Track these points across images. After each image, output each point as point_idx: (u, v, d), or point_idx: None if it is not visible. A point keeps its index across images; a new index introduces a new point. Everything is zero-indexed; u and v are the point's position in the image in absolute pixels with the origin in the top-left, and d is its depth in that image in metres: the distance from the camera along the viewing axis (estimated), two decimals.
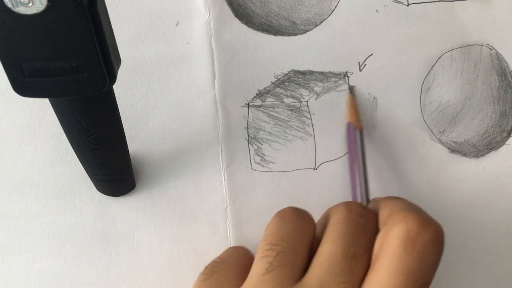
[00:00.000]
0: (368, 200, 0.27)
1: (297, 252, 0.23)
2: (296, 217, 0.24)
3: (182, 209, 0.30)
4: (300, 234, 0.24)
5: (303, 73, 0.30)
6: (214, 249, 0.30)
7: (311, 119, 0.31)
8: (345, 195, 0.31)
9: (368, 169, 0.31)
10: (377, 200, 0.26)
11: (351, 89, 0.30)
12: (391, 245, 0.21)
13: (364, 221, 0.23)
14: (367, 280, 0.22)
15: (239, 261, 0.26)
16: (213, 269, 0.25)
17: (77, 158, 0.26)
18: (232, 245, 0.30)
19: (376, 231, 0.23)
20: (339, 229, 0.23)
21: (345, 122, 0.30)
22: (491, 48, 0.32)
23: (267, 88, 0.30)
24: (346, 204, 0.25)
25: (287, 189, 0.31)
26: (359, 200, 0.27)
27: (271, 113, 0.30)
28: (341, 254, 0.22)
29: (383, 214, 0.24)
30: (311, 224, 0.24)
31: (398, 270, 0.21)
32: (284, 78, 0.30)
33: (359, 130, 0.29)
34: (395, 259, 0.21)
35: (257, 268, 0.23)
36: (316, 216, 0.29)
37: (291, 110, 0.30)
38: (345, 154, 0.31)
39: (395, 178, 0.32)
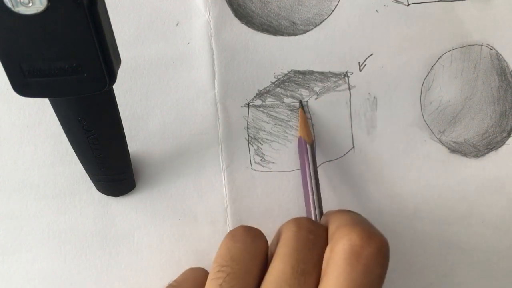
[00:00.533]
0: (321, 214, 0.27)
1: (247, 272, 0.23)
2: (247, 236, 0.24)
3: (182, 209, 0.30)
4: (251, 254, 0.24)
5: (303, 73, 0.30)
6: (214, 249, 0.30)
7: (311, 119, 0.31)
8: (345, 195, 0.31)
9: (367, 170, 0.31)
10: (328, 214, 0.26)
11: (301, 104, 0.30)
12: (337, 260, 0.22)
13: (314, 236, 0.24)
14: None
15: (195, 282, 0.26)
16: None
17: (77, 158, 0.26)
18: None
19: (325, 247, 0.24)
20: (288, 245, 0.23)
21: (297, 136, 0.30)
22: (491, 48, 0.32)
23: (267, 88, 0.30)
24: (296, 220, 0.25)
25: (287, 189, 0.31)
26: (312, 215, 0.27)
27: (271, 113, 0.30)
28: (290, 271, 0.22)
29: (331, 229, 0.24)
30: (263, 242, 0.25)
31: (344, 284, 0.21)
32: (284, 78, 0.30)
33: (310, 144, 0.29)
34: (341, 273, 0.21)
35: None
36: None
37: (291, 110, 0.30)
38: (345, 154, 0.31)
39: (395, 178, 0.32)
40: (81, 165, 0.27)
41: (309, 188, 0.28)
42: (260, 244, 0.24)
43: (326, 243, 0.24)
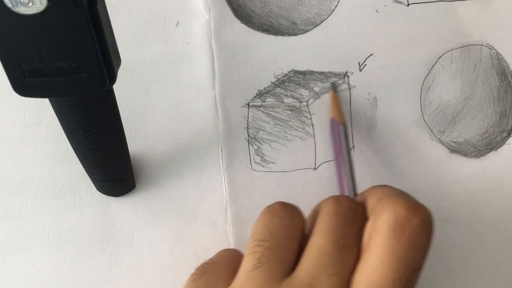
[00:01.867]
0: (355, 194, 0.27)
1: (286, 247, 0.23)
2: (285, 212, 0.24)
3: (182, 209, 0.30)
4: (289, 229, 0.23)
5: (303, 73, 0.30)
6: (214, 249, 0.30)
7: (311, 119, 0.31)
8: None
9: (368, 170, 0.31)
10: (364, 191, 0.26)
11: (334, 86, 0.30)
12: (380, 232, 0.21)
13: (353, 213, 0.23)
14: (359, 269, 0.22)
15: (230, 261, 0.26)
16: (204, 270, 0.25)
17: (77, 158, 0.26)
18: (232, 245, 0.30)
19: (365, 223, 0.23)
20: (328, 222, 0.23)
21: (329, 118, 0.30)
22: (491, 48, 0.32)
23: (267, 88, 0.30)
24: (335, 198, 0.24)
25: (287, 189, 0.31)
26: (346, 193, 0.27)
27: (271, 113, 0.30)
28: (331, 246, 0.22)
29: (370, 203, 0.24)
30: (300, 218, 0.24)
31: (389, 256, 0.21)
32: (284, 78, 0.30)
33: (343, 124, 0.29)
34: (385, 245, 0.21)
35: (246, 265, 0.23)
36: None
37: (291, 110, 0.30)
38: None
39: (395, 178, 0.32)
40: (81, 165, 0.27)
41: (343, 168, 0.28)
42: (297, 220, 0.24)
43: (365, 221, 0.23)
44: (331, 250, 0.22)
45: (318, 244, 0.22)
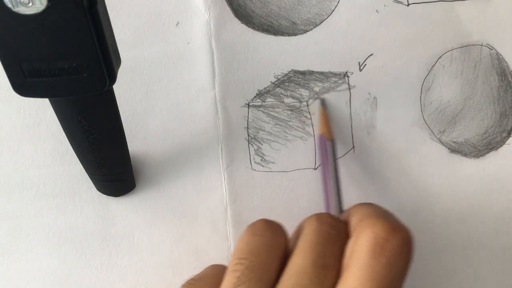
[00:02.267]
0: (341, 211, 0.27)
1: (266, 266, 0.23)
2: (267, 230, 0.24)
3: (182, 209, 0.30)
4: (270, 247, 0.23)
5: (303, 73, 0.30)
6: (214, 249, 0.30)
7: (311, 119, 0.31)
8: (345, 195, 0.31)
9: (367, 170, 0.31)
10: (348, 209, 0.26)
11: (323, 102, 0.30)
12: (360, 252, 0.21)
13: (336, 232, 0.23)
14: None
15: (216, 278, 0.26)
16: (190, 287, 0.25)
17: (77, 158, 0.26)
18: (232, 245, 0.30)
19: (347, 240, 0.23)
20: (309, 240, 0.23)
21: (318, 133, 0.30)
22: (491, 48, 0.32)
23: (267, 88, 0.30)
24: (317, 215, 0.24)
25: (287, 189, 0.31)
26: (332, 211, 0.27)
27: (271, 113, 0.30)
28: (311, 265, 0.22)
29: (353, 221, 0.24)
30: (283, 236, 0.24)
31: (367, 277, 0.21)
32: (284, 78, 0.30)
33: (330, 141, 0.29)
34: (363, 266, 0.21)
35: (226, 283, 0.23)
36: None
37: (291, 110, 0.30)
38: (345, 154, 0.31)
39: (395, 178, 0.32)
40: (81, 165, 0.27)
41: (329, 185, 0.28)
42: (279, 238, 0.24)
43: (347, 239, 0.23)
44: (310, 270, 0.22)
45: (298, 263, 0.22)
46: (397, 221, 0.23)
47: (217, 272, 0.27)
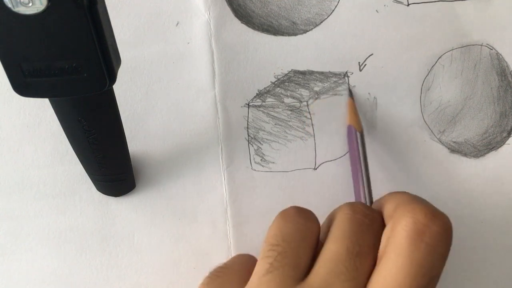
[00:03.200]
0: (371, 202, 0.27)
1: (299, 252, 0.23)
2: (299, 217, 0.24)
3: (182, 209, 0.30)
4: (303, 234, 0.23)
5: (303, 73, 0.30)
6: (214, 249, 0.30)
7: (311, 119, 0.31)
8: (345, 195, 0.31)
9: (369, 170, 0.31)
10: (381, 198, 0.26)
11: (351, 93, 0.30)
12: (398, 238, 0.21)
13: (369, 220, 0.23)
14: (374, 275, 0.21)
15: (243, 266, 0.26)
16: (217, 274, 0.25)
17: (77, 158, 0.26)
18: (232, 245, 0.30)
19: (381, 231, 0.23)
20: (343, 228, 0.23)
21: (346, 124, 0.30)
22: (491, 48, 0.32)
23: (267, 88, 0.30)
24: (351, 204, 0.24)
25: (287, 189, 0.31)
26: (362, 201, 0.27)
27: (271, 113, 0.30)
28: (345, 252, 0.22)
29: (388, 209, 0.24)
30: (315, 224, 0.24)
31: (406, 263, 0.20)
32: (284, 78, 0.30)
33: (360, 132, 0.29)
34: (402, 252, 0.21)
35: (258, 270, 0.22)
36: (318, 217, 0.28)
37: (291, 110, 0.30)
38: (345, 154, 0.31)
39: (395, 178, 0.32)
40: (81, 165, 0.27)
41: (359, 175, 0.27)
42: (312, 226, 0.24)
43: (381, 228, 0.23)
44: (345, 257, 0.22)
45: (332, 250, 0.22)
46: (436, 208, 0.22)
47: (244, 261, 0.26)
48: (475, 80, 0.32)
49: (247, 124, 0.30)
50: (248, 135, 0.30)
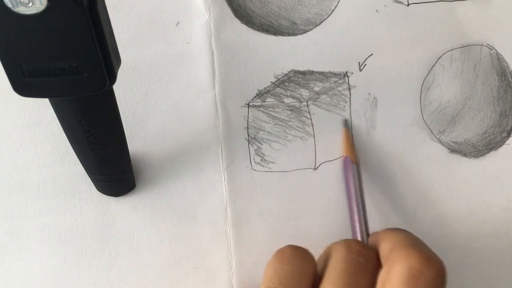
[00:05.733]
0: (368, 235, 0.27)
1: None
2: (295, 258, 0.24)
3: (182, 209, 0.30)
4: (299, 276, 0.24)
5: (303, 73, 0.30)
6: (214, 249, 0.30)
7: (311, 119, 0.31)
8: (345, 195, 0.31)
9: (367, 170, 0.31)
10: (377, 234, 0.26)
11: (346, 123, 0.30)
12: (393, 283, 0.21)
13: (364, 260, 0.24)
14: None
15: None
16: None
17: (77, 158, 0.26)
18: (232, 245, 0.30)
19: (376, 268, 0.24)
20: (339, 268, 0.23)
21: (342, 155, 0.30)
22: (491, 48, 0.32)
23: (267, 88, 0.30)
24: (346, 242, 0.25)
25: (287, 189, 0.31)
26: (359, 236, 0.27)
27: (271, 113, 0.30)
28: None
29: (384, 249, 0.24)
30: (311, 263, 0.24)
31: None
32: (284, 78, 0.30)
33: (356, 164, 0.29)
34: None
35: None
36: (318, 217, 0.29)
37: (291, 110, 0.30)
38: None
39: (395, 178, 0.32)
40: (81, 165, 0.27)
41: (355, 209, 0.28)
42: (308, 266, 0.24)
43: (376, 266, 0.24)
44: None
45: None
46: (431, 252, 0.23)
47: None
48: (475, 80, 0.32)
49: (247, 124, 0.30)
50: (248, 135, 0.30)
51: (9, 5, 0.17)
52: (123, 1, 0.28)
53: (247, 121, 0.30)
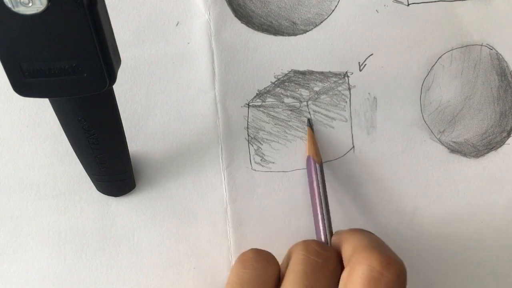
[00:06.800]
0: (331, 233, 0.27)
1: None
2: (257, 261, 0.24)
3: (182, 209, 0.30)
4: (261, 280, 0.24)
5: (303, 73, 0.30)
6: (214, 249, 0.30)
7: (311, 119, 0.31)
8: (345, 195, 0.31)
9: (367, 170, 0.31)
10: (340, 234, 0.26)
11: (309, 122, 0.30)
12: (354, 285, 0.22)
13: (323, 260, 0.24)
14: None
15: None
16: None
17: (77, 158, 0.26)
18: (232, 245, 0.30)
19: (337, 268, 0.24)
20: (297, 270, 0.23)
21: (305, 155, 0.30)
22: (491, 48, 0.32)
23: (267, 88, 0.30)
24: (305, 243, 0.25)
25: (287, 189, 0.31)
26: (322, 236, 0.27)
27: (271, 113, 0.30)
28: None
29: (346, 250, 0.24)
30: (274, 266, 0.25)
31: None
32: (284, 78, 0.30)
33: (319, 164, 0.29)
34: None
35: None
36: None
37: (291, 110, 0.30)
38: (345, 154, 0.31)
39: (395, 178, 0.32)
40: (81, 165, 0.27)
41: (318, 208, 0.28)
42: (270, 269, 0.24)
43: (337, 266, 0.24)
44: None
45: None
46: (392, 253, 0.23)
47: None
48: (475, 80, 0.32)
49: (247, 124, 0.30)
50: (248, 135, 0.30)
51: (9, 5, 0.17)
52: (123, 1, 0.28)
53: (247, 121, 0.30)
